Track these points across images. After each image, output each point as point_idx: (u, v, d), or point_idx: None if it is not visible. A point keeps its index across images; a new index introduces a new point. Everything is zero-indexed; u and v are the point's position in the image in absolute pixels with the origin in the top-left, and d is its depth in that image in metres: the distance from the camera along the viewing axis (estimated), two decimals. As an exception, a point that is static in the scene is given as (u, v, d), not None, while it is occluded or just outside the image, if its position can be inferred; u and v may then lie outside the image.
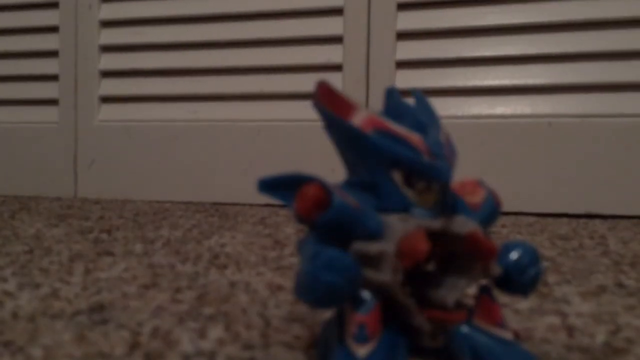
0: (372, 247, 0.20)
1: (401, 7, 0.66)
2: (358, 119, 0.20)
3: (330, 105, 0.21)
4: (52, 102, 0.79)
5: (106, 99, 0.78)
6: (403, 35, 0.66)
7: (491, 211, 0.22)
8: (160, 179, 0.74)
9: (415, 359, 0.21)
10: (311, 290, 0.19)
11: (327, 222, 0.20)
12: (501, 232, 0.50)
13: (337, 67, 0.68)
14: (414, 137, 0.20)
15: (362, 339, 0.20)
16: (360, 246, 0.20)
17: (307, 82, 0.69)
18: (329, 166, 0.68)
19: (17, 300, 0.30)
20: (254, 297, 0.31)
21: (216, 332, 0.25)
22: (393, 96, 0.22)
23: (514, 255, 0.21)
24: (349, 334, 0.20)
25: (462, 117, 0.63)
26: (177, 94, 0.75)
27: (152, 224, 0.55)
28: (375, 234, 0.20)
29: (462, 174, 0.24)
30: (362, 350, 0.19)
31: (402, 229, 0.19)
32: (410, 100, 0.23)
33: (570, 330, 0.26)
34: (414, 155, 0.20)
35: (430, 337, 0.21)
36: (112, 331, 0.26)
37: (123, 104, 0.77)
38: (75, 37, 0.77)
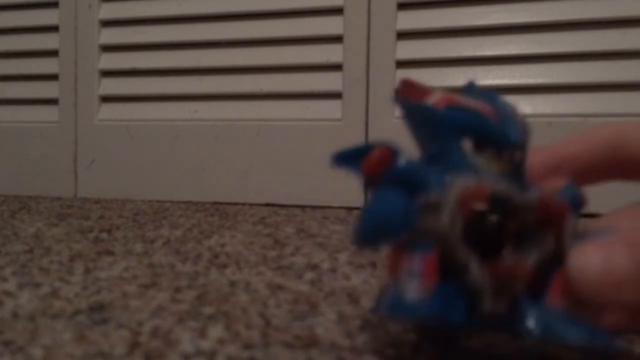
0: (434, 195, 0.19)
1: (401, 6, 0.66)
2: (432, 99, 0.21)
3: (410, 96, 0.21)
4: (52, 101, 0.79)
5: (106, 99, 0.78)
6: (403, 35, 0.66)
7: (570, 196, 0.20)
8: (160, 179, 0.74)
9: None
10: (364, 221, 0.20)
11: (393, 176, 0.20)
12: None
13: (337, 67, 0.68)
14: (486, 108, 0.20)
15: (412, 287, 0.19)
16: (424, 194, 0.19)
17: (307, 82, 0.69)
18: (329, 166, 0.68)
19: (17, 300, 0.30)
20: (254, 297, 0.31)
21: (216, 331, 0.25)
22: (473, 89, 0.23)
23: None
24: (401, 279, 0.19)
25: (462, 116, 0.63)
26: (177, 94, 0.75)
27: (152, 224, 0.55)
28: (439, 190, 0.19)
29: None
30: (412, 293, 0.19)
31: (464, 181, 0.19)
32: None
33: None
34: (481, 119, 0.20)
35: (493, 297, 0.19)
36: (112, 331, 0.26)
37: (123, 104, 0.77)
38: (75, 36, 0.77)
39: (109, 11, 0.77)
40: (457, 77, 0.65)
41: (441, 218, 0.19)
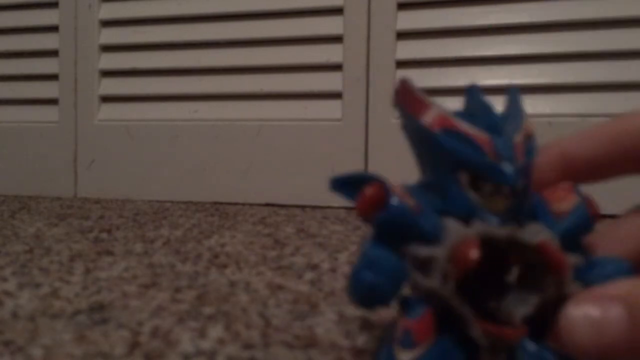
0: (423, 251, 0.19)
1: (401, 6, 0.66)
2: (429, 118, 0.20)
3: (406, 104, 0.20)
4: (52, 101, 0.79)
5: (106, 99, 0.78)
6: (403, 35, 0.66)
7: (580, 221, 0.19)
8: (160, 179, 0.74)
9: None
10: (353, 289, 0.19)
11: (384, 223, 0.19)
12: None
13: (337, 67, 0.68)
14: (482, 137, 0.19)
15: (407, 345, 0.19)
16: (413, 249, 0.19)
17: (307, 82, 0.69)
18: (329, 166, 0.68)
19: (17, 300, 0.30)
20: (254, 297, 0.31)
21: (216, 331, 0.25)
22: (473, 94, 0.21)
23: (601, 271, 0.19)
24: (395, 338, 0.19)
25: (462, 116, 0.63)
26: (178, 94, 0.75)
27: (152, 224, 0.55)
28: (431, 238, 0.19)
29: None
30: (405, 356, 0.18)
31: (458, 234, 0.18)
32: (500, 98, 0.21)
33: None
34: (476, 155, 0.19)
35: (490, 353, 0.19)
36: (112, 331, 0.26)
37: (123, 104, 0.77)
38: (75, 36, 0.77)
39: (109, 11, 0.77)
40: (457, 77, 0.65)
41: (432, 275, 0.19)
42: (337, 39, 0.68)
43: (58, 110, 0.78)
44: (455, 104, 0.22)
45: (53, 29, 0.79)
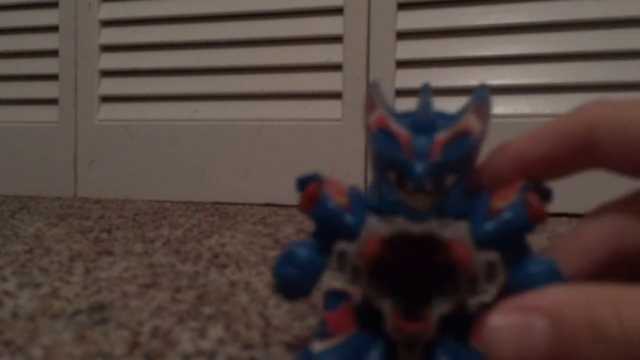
0: (339, 246, 0.20)
1: (401, 6, 0.66)
2: (373, 118, 0.21)
3: (366, 106, 0.21)
4: (52, 101, 0.79)
5: (106, 99, 0.78)
6: (403, 35, 0.66)
7: (513, 219, 0.19)
8: (160, 179, 0.74)
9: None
10: (275, 281, 0.21)
11: (316, 219, 0.20)
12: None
13: (337, 67, 0.68)
14: (404, 135, 0.20)
15: (322, 335, 0.20)
16: (336, 244, 0.20)
17: (307, 82, 0.69)
18: (329, 166, 0.68)
19: (17, 300, 0.30)
20: (254, 297, 0.31)
21: (216, 331, 0.25)
22: (423, 93, 0.22)
23: (529, 273, 0.18)
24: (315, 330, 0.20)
25: (462, 116, 0.63)
26: (178, 94, 0.75)
27: (152, 224, 0.55)
28: (354, 234, 0.20)
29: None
30: (318, 346, 0.19)
31: (370, 230, 0.19)
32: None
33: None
34: (394, 152, 0.19)
35: (405, 348, 0.19)
36: (112, 331, 0.26)
37: (123, 104, 0.77)
38: (75, 36, 0.77)
39: (109, 11, 0.77)
40: (457, 77, 0.65)
41: (342, 271, 0.20)
42: (337, 39, 0.68)
43: (58, 110, 0.78)
44: (455, 103, 0.22)
45: (53, 29, 0.79)
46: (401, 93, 0.66)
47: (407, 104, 0.35)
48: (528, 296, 0.16)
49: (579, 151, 0.20)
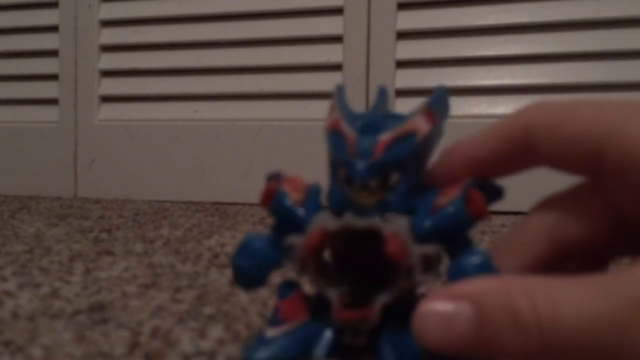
0: (288, 239, 0.21)
1: (401, 6, 0.66)
2: (329, 120, 0.22)
3: (329, 109, 0.23)
4: (52, 101, 0.79)
5: (106, 99, 0.78)
6: (403, 35, 0.66)
7: (453, 215, 0.19)
8: (160, 179, 0.74)
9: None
10: (232, 271, 0.22)
11: (272, 213, 0.22)
12: (501, 231, 0.50)
13: (337, 67, 0.68)
14: (350, 135, 0.21)
15: (273, 322, 0.21)
16: (288, 238, 0.21)
17: (307, 82, 0.69)
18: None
19: (17, 300, 0.30)
20: (254, 297, 0.31)
21: (216, 331, 0.26)
22: (379, 95, 0.23)
23: (460, 262, 0.19)
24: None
25: (463, 117, 0.63)
26: (178, 94, 0.75)
27: (152, 224, 0.55)
28: (304, 229, 0.21)
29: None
30: (271, 332, 0.21)
31: (315, 224, 0.21)
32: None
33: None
34: (339, 152, 0.21)
35: (351, 334, 0.20)
36: (112, 331, 0.26)
37: (123, 104, 0.77)
38: (75, 36, 0.77)
39: (109, 11, 0.77)
40: (457, 77, 0.65)
41: (291, 262, 0.21)
42: (337, 39, 0.68)
43: (58, 110, 0.78)
44: (455, 103, 0.22)
45: (53, 29, 0.79)
46: (401, 93, 0.66)
47: (408, 104, 0.35)
48: (456, 285, 0.17)
49: (519, 151, 0.21)
